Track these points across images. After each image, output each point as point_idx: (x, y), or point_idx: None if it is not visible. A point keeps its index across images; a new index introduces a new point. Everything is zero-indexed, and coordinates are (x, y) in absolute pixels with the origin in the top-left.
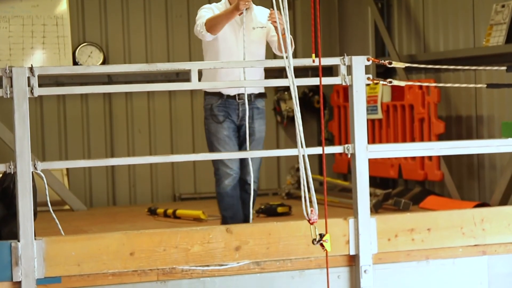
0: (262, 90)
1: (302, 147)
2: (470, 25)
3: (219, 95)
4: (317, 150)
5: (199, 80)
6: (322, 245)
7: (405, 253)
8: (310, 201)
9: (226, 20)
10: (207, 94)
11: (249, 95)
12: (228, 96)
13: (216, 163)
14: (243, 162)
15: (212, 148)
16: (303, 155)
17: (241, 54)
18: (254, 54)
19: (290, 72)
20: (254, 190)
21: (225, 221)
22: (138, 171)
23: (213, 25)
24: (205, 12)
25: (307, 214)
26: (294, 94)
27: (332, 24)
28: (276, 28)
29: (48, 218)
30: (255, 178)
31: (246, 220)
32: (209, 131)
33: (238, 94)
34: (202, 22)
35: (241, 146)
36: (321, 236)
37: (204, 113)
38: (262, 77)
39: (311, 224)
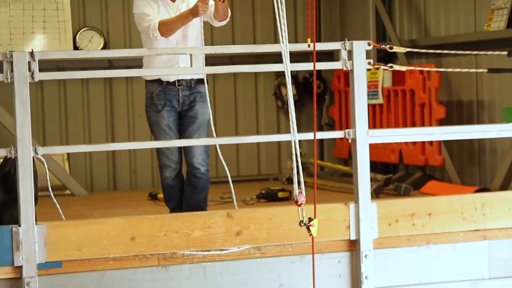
0: (203, 77)
1: (294, 132)
2: (471, 9)
3: (159, 82)
4: (309, 136)
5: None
6: (308, 228)
7: (405, 238)
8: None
9: (181, 25)
10: (147, 81)
11: (189, 81)
12: (168, 83)
13: (157, 153)
14: (186, 147)
15: (154, 138)
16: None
17: (178, 39)
18: (191, 38)
19: (285, 57)
20: (203, 173)
21: (171, 211)
22: (139, 156)
23: (169, 30)
24: (143, 8)
25: (295, 196)
26: (288, 79)
27: (333, 9)
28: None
29: (49, 203)
30: (202, 161)
31: (198, 206)
32: (150, 120)
33: (178, 80)
34: (155, 26)
35: (186, 132)
36: (310, 220)
37: (145, 101)
38: (202, 62)
39: (298, 206)
